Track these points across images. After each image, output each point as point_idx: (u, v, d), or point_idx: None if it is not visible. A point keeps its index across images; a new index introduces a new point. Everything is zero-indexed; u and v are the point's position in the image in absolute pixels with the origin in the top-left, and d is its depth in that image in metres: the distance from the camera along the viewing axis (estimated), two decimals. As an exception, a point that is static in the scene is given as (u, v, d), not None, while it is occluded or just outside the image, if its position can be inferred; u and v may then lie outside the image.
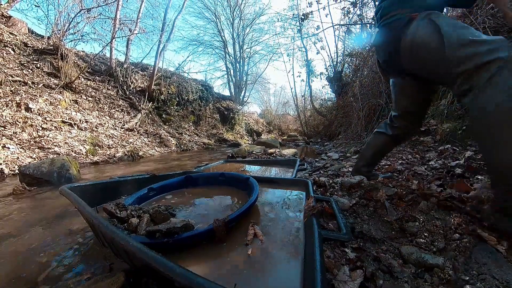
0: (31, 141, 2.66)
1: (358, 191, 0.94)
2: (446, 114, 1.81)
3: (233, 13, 13.64)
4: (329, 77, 6.46)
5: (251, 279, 0.46)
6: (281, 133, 13.05)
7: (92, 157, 2.93)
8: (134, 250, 0.38)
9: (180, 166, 2.67)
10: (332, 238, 0.63)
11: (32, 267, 0.61)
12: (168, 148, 4.87)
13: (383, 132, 1.06)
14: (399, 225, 0.68)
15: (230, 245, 0.58)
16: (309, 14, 4.77)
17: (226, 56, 13.82)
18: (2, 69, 3.34)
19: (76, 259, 0.64)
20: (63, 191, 0.71)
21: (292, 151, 3.71)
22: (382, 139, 1.06)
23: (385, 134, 1.05)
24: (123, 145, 3.81)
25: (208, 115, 8.30)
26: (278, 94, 18.53)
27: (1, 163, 2.10)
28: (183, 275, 0.31)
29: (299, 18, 5.95)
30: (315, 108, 8.23)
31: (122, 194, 1.02)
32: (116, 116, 4.78)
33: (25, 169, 1.65)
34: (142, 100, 5.78)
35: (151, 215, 0.68)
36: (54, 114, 3.39)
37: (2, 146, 2.32)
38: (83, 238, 0.78)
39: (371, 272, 0.52)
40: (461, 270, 0.48)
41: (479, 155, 1.17)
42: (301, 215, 0.75)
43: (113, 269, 0.55)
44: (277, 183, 1.10)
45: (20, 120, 2.84)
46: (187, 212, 0.82)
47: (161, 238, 0.53)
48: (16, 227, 0.89)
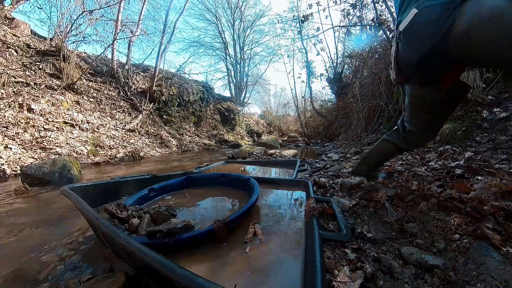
0: (33, 142, 2.68)
1: (358, 192, 0.94)
2: None
3: (234, 15, 13.74)
4: (329, 78, 6.48)
5: (251, 279, 0.47)
6: (281, 134, 13.06)
7: (94, 158, 2.95)
8: (135, 250, 0.38)
9: (180, 167, 2.67)
10: (333, 238, 0.63)
11: (33, 266, 0.61)
12: (169, 148, 4.88)
13: (393, 142, 0.98)
14: (399, 225, 0.68)
15: (230, 245, 0.59)
16: (309, 16, 4.80)
17: (226, 58, 13.91)
18: (5, 71, 3.37)
19: (76, 259, 0.65)
20: (65, 191, 0.71)
21: (292, 152, 3.71)
22: (391, 148, 0.99)
23: (395, 144, 0.97)
24: (124, 146, 3.82)
25: (208, 116, 8.32)
26: (278, 95, 18.60)
27: (3, 163, 2.11)
28: (184, 276, 0.32)
29: (299, 20, 5.98)
30: (315, 109, 8.25)
31: (123, 194, 1.02)
32: (118, 117, 4.80)
33: (27, 170, 1.66)
34: (143, 101, 5.80)
35: (152, 215, 0.69)
36: (56, 115, 3.41)
37: (4, 146, 2.34)
38: (84, 238, 0.78)
39: (371, 273, 0.52)
40: (462, 271, 0.48)
41: (479, 156, 1.17)
42: (301, 216, 0.75)
43: (114, 269, 0.56)
44: (278, 184, 1.10)
45: (22, 121, 2.86)
46: (188, 212, 0.83)
47: (162, 238, 0.54)
48: (18, 227, 0.90)
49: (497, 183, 0.72)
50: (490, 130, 1.46)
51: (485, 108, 1.65)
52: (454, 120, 1.75)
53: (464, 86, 0.73)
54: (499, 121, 1.47)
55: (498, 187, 0.70)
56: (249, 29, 14.30)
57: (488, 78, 1.77)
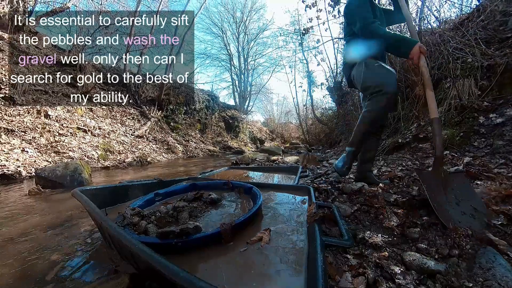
0: (48, 146, 2.81)
1: (359, 198, 0.94)
2: (443, 121, 1.81)
3: (239, 29, 14.43)
4: (330, 87, 6.58)
5: (254, 282, 0.47)
6: (283, 141, 13.07)
7: (103, 162, 3.05)
8: (140, 252, 0.39)
9: (186, 172, 2.72)
10: (334, 244, 0.62)
11: (41, 266, 0.63)
12: (175, 154, 4.98)
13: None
14: (401, 231, 0.67)
15: (234, 248, 0.59)
16: (310, 29, 4.99)
17: (231, 68, 14.41)
18: (28, 80, 3.63)
19: (83, 259, 0.67)
20: (75, 194, 0.74)
21: (294, 158, 3.70)
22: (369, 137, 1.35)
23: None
24: (133, 151, 3.93)
25: (213, 124, 8.49)
26: (280, 104, 18.81)
27: (20, 165, 2.22)
28: (186, 279, 0.32)
29: (300, 33, 6.22)
30: (316, 117, 8.32)
31: (130, 197, 1.05)
32: (127, 123, 4.99)
33: (41, 172, 1.75)
34: (152, 108, 6.03)
35: (159, 218, 0.71)
36: (70, 121, 3.60)
37: (21, 150, 2.47)
38: (91, 239, 0.80)
39: (373, 278, 0.51)
40: (464, 276, 0.47)
41: (478, 161, 1.17)
42: (303, 221, 0.75)
43: (118, 271, 0.57)
44: (280, 189, 1.11)
45: (39, 126, 3.03)
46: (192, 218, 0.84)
47: (174, 238, 0.55)
48: (29, 227, 0.94)
49: (497, 188, 0.71)
50: (487, 136, 1.46)
51: (481, 114, 1.65)
52: (452, 126, 1.75)
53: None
54: (495, 127, 1.46)
55: (498, 192, 0.69)
56: (253, 41, 14.94)
57: (483, 85, 1.78)
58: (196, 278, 0.32)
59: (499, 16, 2.03)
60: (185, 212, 0.77)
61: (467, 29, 2.11)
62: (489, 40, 1.98)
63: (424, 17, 2.92)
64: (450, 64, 2.03)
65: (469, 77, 1.86)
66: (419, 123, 2.18)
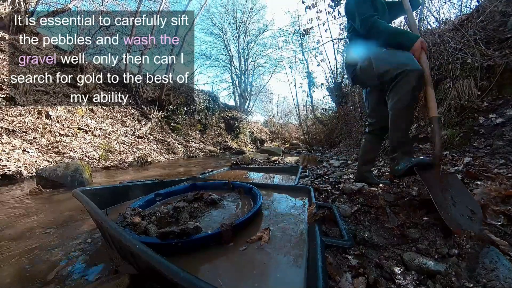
0: (48, 146, 2.82)
1: (359, 198, 0.94)
2: (443, 121, 1.81)
3: (239, 29, 14.46)
4: (330, 88, 6.59)
5: (254, 282, 0.47)
6: (283, 141, 13.09)
7: (104, 162, 3.05)
8: (140, 252, 0.39)
9: (186, 173, 2.72)
10: (334, 244, 0.62)
11: (42, 266, 0.64)
12: (175, 155, 4.98)
13: (365, 132, 1.36)
14: (401, 231, 0.67)
15: (234, 248, 0.59)
16: (310, 30, 5.00)
17: (232, 69, 14.44)
18: (28, 80, 3.64)
19: (84, 259, 0.67)
20: (76, 194, 0.74)
21: (294, 159, 3.71)
22: (368, 138, 1.31)
23: (366, 133, 1.33)
24: (133, 152, 3.94)
25: (214, 124, 8.50)
26: (281, 104, 18.85)
27: (21, 165, 2.23)
28: (187, 279, 0.32)
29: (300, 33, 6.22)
30: (316, 117, 8.33)
31: (131, 198, 1.05)
32: (128, 124, 5.00)
33: (42, 172, 1.75)
34: (152, 109, 6.04)
35: (159, 218, 0.71)
36: (71, 121, 3.60)
37: (22, 150, 2.48)
38: (92, 239, 0.81)
39: (373, 279, 0.51)
40: (465, 277, 0.47)
41: (477, 161, 1.17)
42: (303, 222, 0.75)
43: (119, 271, 0.57)
44: (280, 190, 1.11)
45: (40, 126, 3.04)
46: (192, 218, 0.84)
47: (175, 238, 0.55)
48: (29, 227, 0.94)
49: (497, 188, 0.72)
50: (487, 136, 1.46)
51: (481, 114, 1.65)
52: (451, 126, 1.74)
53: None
54: (495, 127, 1.46)
55: (498, 192, 0.69)
56: (253, 42, 14.97)
57: (482, 85, 1.78)
58: (197, 278, 0.32)
59: (498, 17, 2.04)
60: (186, 213, 0.77)
61: (466, 29, 2.12)
62: (489, 40, 1.98)
63: (423, 17, 2.93)
64: (450, 64, 2.03)
65: (469, 77, 1.87)
66: (419, 123, 2.18)
